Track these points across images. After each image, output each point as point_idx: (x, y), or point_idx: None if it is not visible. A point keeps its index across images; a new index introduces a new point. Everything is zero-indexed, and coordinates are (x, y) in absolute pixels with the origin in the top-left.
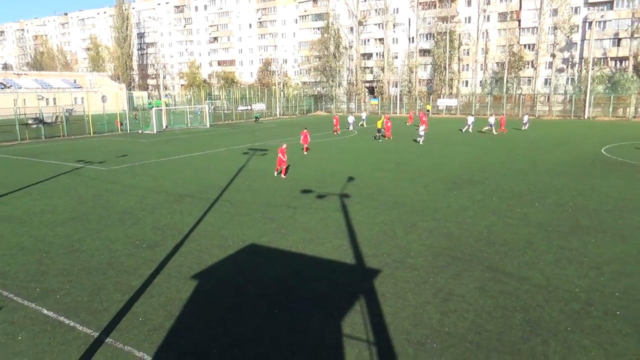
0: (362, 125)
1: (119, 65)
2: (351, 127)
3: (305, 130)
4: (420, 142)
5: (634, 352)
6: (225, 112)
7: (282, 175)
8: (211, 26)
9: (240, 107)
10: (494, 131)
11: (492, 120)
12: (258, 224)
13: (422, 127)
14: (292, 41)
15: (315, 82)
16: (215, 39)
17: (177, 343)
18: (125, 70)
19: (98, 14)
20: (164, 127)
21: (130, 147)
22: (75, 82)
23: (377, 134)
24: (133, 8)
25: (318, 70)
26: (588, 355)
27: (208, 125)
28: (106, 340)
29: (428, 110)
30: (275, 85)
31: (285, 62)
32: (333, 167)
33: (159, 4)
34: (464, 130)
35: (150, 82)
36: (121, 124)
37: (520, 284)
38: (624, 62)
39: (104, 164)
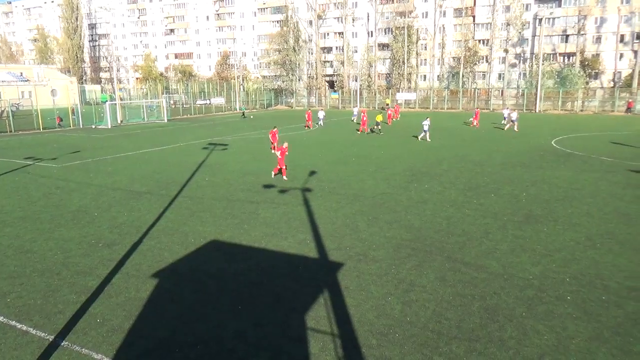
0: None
1: (69, 57)
2: (321, 123)
3: (275, 129)
4: (428, 139)
5: (583, 334)
6: (184, 106)
7: (284, 177)
8: (167, 18)
9: (199, 101)
10: (515, 128)
11: (512, 114)
12: (219, 220)
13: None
14: (251, 34)
15: (275, 75)
16: (172, 31)
17: (138, 343)
18: (76, 63)
19: (45, 2)
20: (119, 121)
21: (84, 142)
22: (21, 74)
23: (375, 127)
24: None
25: (278, 63)
26: (542, 339)
27: (166, 120)
28: (62, 344)
29: (387, 105)
30: (234, 79)
31: (245, 55)
32: (295, 162)
33: None
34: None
35: (104, 75)
36: (61, 120)
37: (478, 273)
38: (571, 57)
39: (55, 160)
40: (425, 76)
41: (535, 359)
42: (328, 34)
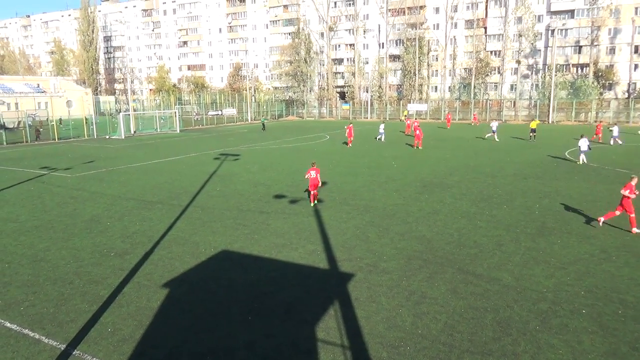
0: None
1: (84, 69)
2: (381, 137)
3: (350, 125)
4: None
5: (599, 349)
6: (197, 117)
7: (314, 201)
8: (180, 30)
9: (211, 112)
10: (496, 137)
11: (493, 124)
12: (230, 230)
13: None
14: (263, 46)
15: (287, 87)
16: (185, 43)
17: (149, 353)
18: (91, 75)
19: (62, 16)
20: (132, 132)
21: (97, 153)
22: (38, 86)
23: (531, 134)
24: (99, 11)
25: (289, 75)
26: (556, 354)
27: (178, 131)
28: (73, 353)
29: (406, 115)
30: (246, 90)
31: (256, 66)
32: (304, 172)
33: (126, 7)
34: (487, 137)
35: (118, 86)
36: (39, 132)
37: (490, 285)
38: (584, 68)
39: (70, 170)
40: (436, 87)
41: None
42: (339, 45)
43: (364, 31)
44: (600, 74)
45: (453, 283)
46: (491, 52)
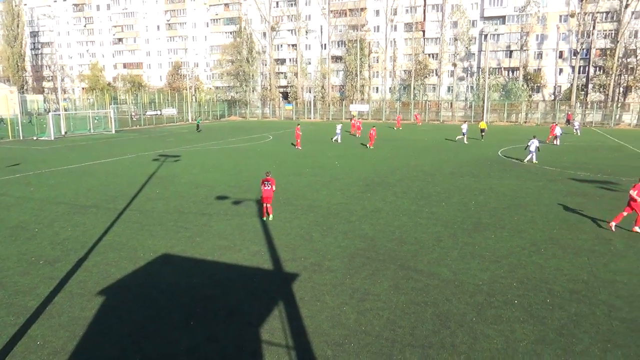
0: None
1: (9, 66)
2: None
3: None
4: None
5: (530, 337)
6: (134, 117)
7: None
8: (115, 27)
9: (149, 112)
10: (465, 140)
11: (463, 126)
12: (171, 233)
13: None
14: (204, 45)
15: (229, 86)
16: (120, 40)
17: None
18: (17, 72)
19: None
20: (63, 133)
21: (24, 155)
22: None
23: (481, 133)
24: (25, 4)
25: (231, 74)
26: (491, 343)
27: (114, 131)
28: None
29: (354, 116)
30: (186, 90)
31: (197, 65)
32: (249, 173)
33: (55, 1)
34: (457, 139)
35: (47, 84)
36: None
37: (430, 280)
38: (515, 72)
39: None
40: (377, 88)
41: None
42: (282, 45)
43: (307, 32)
44: (529, 77)
45: (395, 279)
46: (429, 54)
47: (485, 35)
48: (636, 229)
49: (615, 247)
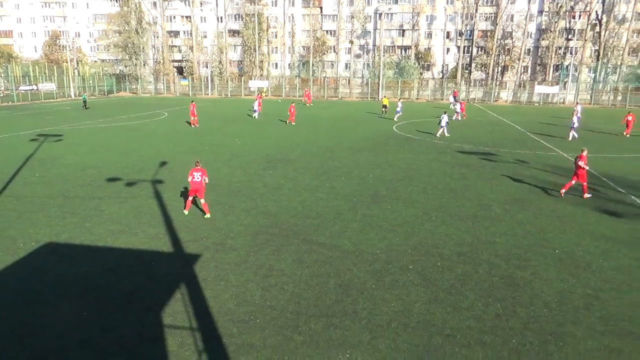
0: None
1: None
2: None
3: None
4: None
5: (423, 298)
6: (6, 92)
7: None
8: None
9: (23, 87)
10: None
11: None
12: (55, 220)
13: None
14: (86, 13)
15: (117, 59)
16: None
17: None
18: None
19: None
20: None
21: None
22: None
23: (383, 109)
24: None
25: (119, 46)
26: (389, 307)
27: None
28: None
29: (263, 92)
30: (67, 62)
31: (78, 35)
32: (142, 152)
33: None
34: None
35: None
36: None
37: (332, 252)
38: (407, 50)
39: None
40: (277, 64)
41: (384, 326)
42: (175, 17)
43: (201, 3)
44: (420, 55)
45: (298, 253)
46: (327, 31)
47: (380, 14)
48: (586, 195)
49: (495, 212)
